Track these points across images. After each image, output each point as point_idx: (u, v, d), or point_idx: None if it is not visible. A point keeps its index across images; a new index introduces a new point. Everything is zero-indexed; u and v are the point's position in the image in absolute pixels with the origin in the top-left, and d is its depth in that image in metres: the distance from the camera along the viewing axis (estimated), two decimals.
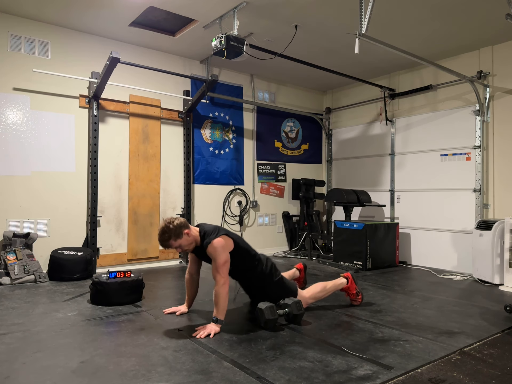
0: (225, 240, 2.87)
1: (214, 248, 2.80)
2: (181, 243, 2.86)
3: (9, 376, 2.06)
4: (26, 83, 4.52)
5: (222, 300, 2.79)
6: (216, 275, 2.81)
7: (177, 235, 2.82)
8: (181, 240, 2.84)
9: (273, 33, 4.77)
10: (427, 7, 4.13)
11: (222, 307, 2.79)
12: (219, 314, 2.78)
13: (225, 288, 2.80)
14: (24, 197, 4.48)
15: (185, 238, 2.85)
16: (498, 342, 2.63)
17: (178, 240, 2.84)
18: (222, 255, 2.81)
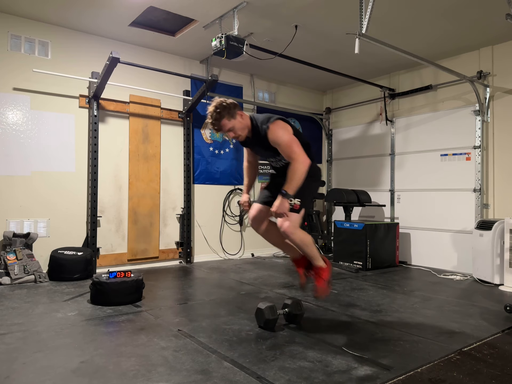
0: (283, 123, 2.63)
1: (275, 132, 2.56)
2: (235, 125, 2.61)
3: (9, 376, 2.06)
4: (26, 83, 4.52)
5: (298, 176, 2.50)
6: (291, 155, 2.53)
7: (231, 115, 2.57)
8: (235, 121, 2.60)
9: (273, 33, 4.77)
10: (427, 7, 4.13)
11: (295, 184, 2.50)
12: (290, 188, 2.50)
13: (306, 166, 2.52)
14: (24, 197, 4.48)
15: (238, 120, 2.61)
16: (498, 342, 2.63)
17: (232, 121, 2.59)
18: (286, 135, 2.56)
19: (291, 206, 2.59)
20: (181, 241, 5.60)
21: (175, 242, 5.59)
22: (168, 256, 5.50)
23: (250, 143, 2.85)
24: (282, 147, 2.58)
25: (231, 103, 2.62)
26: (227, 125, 2.61)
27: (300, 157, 2.53)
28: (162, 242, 5.45)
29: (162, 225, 5.47)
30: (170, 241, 5.55)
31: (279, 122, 2.62)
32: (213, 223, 5.98)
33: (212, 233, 5.95)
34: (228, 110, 2.58)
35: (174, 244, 5.58)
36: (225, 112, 2.57)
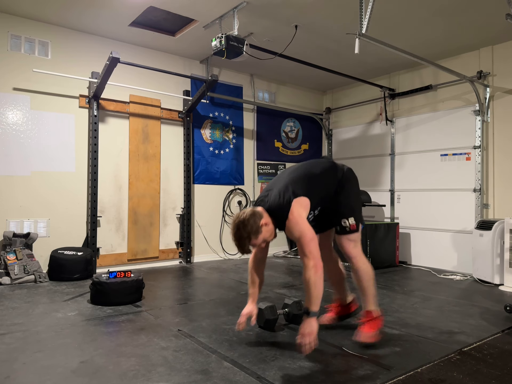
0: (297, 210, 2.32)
1: (290, 228, 2.31)
2: (264, 237, 2.32)
3: (9, 376, 2.06)
4: (26, 83, 4.51)
5: (313, 286, 2.22)
6: (303, 258, 2.29)
7: (256, 232, 2.27)
8: (262, 234, 2.30)
9: (273, 33, 4.77)
10: (427, 7, 4.13)
11: (315, 295, 2.23)
12: (311, 304, 2.22)
13: (317, 272, 2.24)
14: (24, 197, 4.48)
15: (265, 230, 2.31)
16: (498, 342, 2.63)
17: (260, 236, 2.29)
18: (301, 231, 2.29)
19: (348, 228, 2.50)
20: (181, 241, 5.60)
21: (175, 242, 5.59)
22: (168, 256, 5.49)
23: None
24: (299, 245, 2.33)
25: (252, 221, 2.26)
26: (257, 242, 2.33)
27: (309, 262, 2.26)
28: (162, 242, 5.46)
29: (162, 225, 5.47)
30: (170, 241, 5.55)
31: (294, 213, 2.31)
32: (213, 223, 5.98)
33: (212, 233, 5.95)
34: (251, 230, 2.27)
35: (174, 244, 5.58)
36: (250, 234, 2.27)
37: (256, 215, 2.30)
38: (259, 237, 2.30)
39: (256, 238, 2.29)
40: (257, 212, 2.32)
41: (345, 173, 2.63)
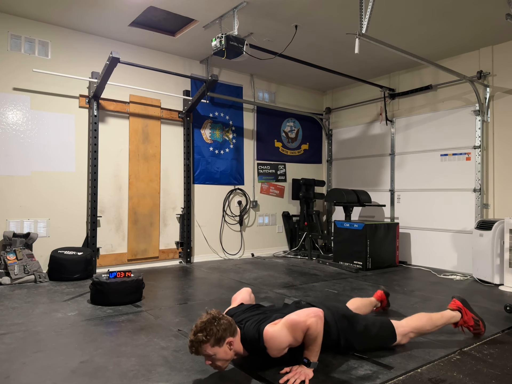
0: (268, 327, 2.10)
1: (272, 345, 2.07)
2: (217, 353, 1.98)
3: (9, 376, 2.06)
4: (26, 83, 4.52)
5: (318, 341, 2.11)
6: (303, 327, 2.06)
7: (217, 341, 1.98)
8: (219, 349, 1.98)
9: (273, 33, 4.77)
10: (427, 7, 4.13)
11: (317, 349, 2.12)
12: (313, 356, 2.11)
13: (320, 326, 2.09)
14: (24, 197, 4.48)
15: (224, 349, 2.00)
16: (498, 342, 2.63)
17: (216, 348, 1.97)
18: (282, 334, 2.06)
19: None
20: (181, 241, 5.60)
21: (175, 242, 5.59)
22: (168, 256, 5.50)
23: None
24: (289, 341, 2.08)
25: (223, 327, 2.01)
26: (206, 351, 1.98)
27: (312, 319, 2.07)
28: (162, 242, 5.46)
29: (162, 225, 5.47)
30: (170, 241, 5.55)
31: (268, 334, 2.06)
32: (213, 223, 5.98)
33: (212, 233, 5.95)
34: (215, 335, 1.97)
35: (174, 244, 5.58)
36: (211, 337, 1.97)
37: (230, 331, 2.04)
38: (215, 349, 1.97)
39: (212, 347, 1.96)
40: (234, 329, 2.08)
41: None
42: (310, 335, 2.07)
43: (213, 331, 1.96)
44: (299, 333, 2.07)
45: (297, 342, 2.09)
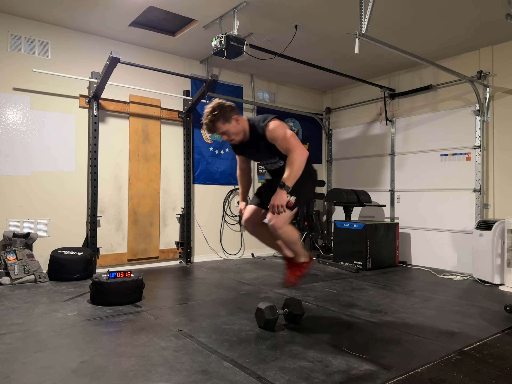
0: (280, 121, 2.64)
1: (272, 128, 2.57)
2: (229, 129, 2.61)
3: (9, 376, 2.06)
4: (26, 83, 4.52)
5: (297, 166, 2.51)
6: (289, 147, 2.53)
7: (226, 118, 2.58)
8: (230, 125, 2.60)
9: (273, 33, 4.77)
10: (427, 7, 4.13)
11: (294, 175, 2.51)
12: (289, 181, 2.50)
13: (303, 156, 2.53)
14: (24, 197, 4.48)
15: (233, 124, 2.62)
16: (498, 342, 2.63)
17: (227, 124, 2.59)
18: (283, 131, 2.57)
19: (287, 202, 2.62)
20: (181, 241, 5.60)
21: (175, 242, 5.59)
22: (168, 256, 5.49)
23: (245, 148, 2.84)
24: (280, 141, 2.58)
25: (228, 106, 2.61)
26: (221, 128, 2.61)
27: (298, 148, 2.53)
28: (162, 242, 5.46)
29: (162, 225, 5.47)
30: (170, 241, 5.55)
31: (277, 120, 2.63)
32: (213, 223, 5.98)
33: (212, 233, 5.95)
34: (224, 113, 2.58)
35: (174, 244, 5.58)
36: (220, 115, 2.57)
37: (235, 110, 2.64)
38: (226, 125, 2.59)
39: (223, 124, 2.58)
40: (237, 109, 2.67)
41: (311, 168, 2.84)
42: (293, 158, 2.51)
43: (220, 111, 2.56)
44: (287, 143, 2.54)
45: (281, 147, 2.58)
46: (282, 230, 2.66)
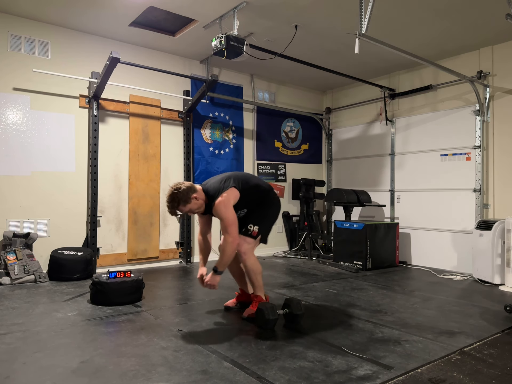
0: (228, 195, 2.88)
1: (218, 210, 2.87)
2: (191, 208, 2.89)
3: (9, 376, 2.06)
4: (26, 83, 4.52)
5: (227, 255, 2.87)
6: (224, 234, 2.88)
7: (185, 201, 2.83)
8: (190, 205, 2.87)
9: (273, 33, 4.77)
10: (427, 7, 4.13)
11: (225, 261, 2.88)
12: (220, 266, 2.88)
13: (232, 246, 2.86)
14: (24, 197, 4.48)
15: (193, 202, 2.88)
16: (498, 342, 2.63)
17: (188, 205, 2.86)
18: (227, 214, 2.85)
19: (250, 232, 3.02)
20: (181, 241, 5.60)
21: (175, 242, 5.59)
22: (168, 256, 5.49)
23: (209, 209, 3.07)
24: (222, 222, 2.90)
25: (184, 190, 2.83)
26: (184, 210, 2.88)
27: (230, 238, 2.83)
28: (162, 242, 5.46)
29: (162, 225, 5.47)
30: (170, 241, 5.55)
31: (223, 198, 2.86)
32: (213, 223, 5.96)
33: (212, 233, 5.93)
34: (182, 197, 2.82)
35: (174, 244, 5.58)
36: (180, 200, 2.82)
37: (191, 189, 2.86)
38: (187, 206, 2.85)
39: (184, 206, 2.84)
40: (193, 187, 2.89)
41: (273, 199, 3.24)
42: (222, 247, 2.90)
43: (178, 198, 2.80)
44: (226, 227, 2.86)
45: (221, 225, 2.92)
46: (247, 257, 3.00)
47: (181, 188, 2.83)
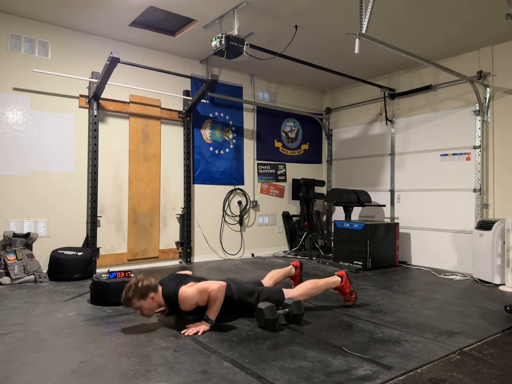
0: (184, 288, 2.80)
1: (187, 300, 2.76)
2: (142, 305, 2.72)
3: (9, 376, 2.06)
4: (26, 83, 4.52)
5: (217, 303, 2.80)
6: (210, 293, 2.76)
7: (141, 296, 2.70)
8: (144, 302, 2.72)
9: (273, 33, 4.77)
10: (427, 8, 4.13)
11: (216, 309, 2.81)
12: (211, 315, 2.80)
13: (221, 291, 2.79)
14: (24, 197, 4.48)
15: (148, 301, 2.74)
16: (498, 342, 2.63)
17: (141, 301, 2.71)
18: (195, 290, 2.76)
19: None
20: (181, 241, 5.60)
21: (175, 242, 5.59)
22: (168, 256, 5.49)
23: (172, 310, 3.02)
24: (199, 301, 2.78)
25: (145, 285, 2.72)
26: (135, 304, 2.71)
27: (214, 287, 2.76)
28: (162, 242, 5.46)
29: (162, 225, 5.47)
30: (170, 241, 5.55)
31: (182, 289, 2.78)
32: (213, 223, 5.98)
33: (212, 233, 5.95)
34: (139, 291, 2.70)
35: (174, 244, 5.58)
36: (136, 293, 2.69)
37: (152, 287, 2.77)
38: (141, 302, 2.71)
39: (138, 301, 2.70)
40: (155, 286, 2.80)
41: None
42: (212, 297, 2.75)
43: (137, 289, 2.69)
44: (205, 296, 2.76)
45: (203, 302, 2.78)
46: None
47: (144, 282, 2.73)
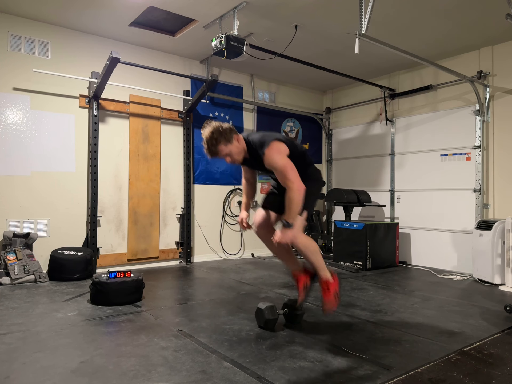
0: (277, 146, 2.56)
1: (270, 157, 2.53)
2: (231, 150, 2.57)
3: (9, 376, 2.06)
4: (26, 83, 4.51)
5: (295, 205, 2.49)
6: (286, 182, 2.52)
7: (227, 140, 2.53)
8: (232, 146, 2.56)
9: (273, 33, 4.77)
10: (427, 7, 4.13)
11: (294, 212, 2.50)
12: (290, 218, 2.51)
13: (300, 192, 2.50)
14: (24, 197, 4.48)
15: (235, 144, 2.58)
16: (498, 342, 2.63)
17: (229, 146, 2.55)
18: (281, 161, 2.52)
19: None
20: (181, 241, 5.60)
21: (175, 242, 5.59)
22: (168, 256, 5.49)
23: (248, 162, 2.83)
24: (277, 173, 2.58)
25: (227, 128, 2.56)
26: (224, 150, 2.56)
27: (294, 185, 2.50)
28: (162, 242, 5.45)
29: (162, 225, 5.47)
30: (170, 241, 5.55)
31: (274, 146, 2.56)
32: (213, 223, 5.98)
33: (212, 233, 5.95)
34: (224, 135, 2.53)
35: (174, 244, 5.58)
36: (221, 137, 2.52)
37: (233, 130, 2.59)
38: (228, 146, 2.55)
39: (225, 145, 2.54)
40: (235, 129, 2.62)
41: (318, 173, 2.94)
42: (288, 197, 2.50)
43: (221, 134, 2.51)
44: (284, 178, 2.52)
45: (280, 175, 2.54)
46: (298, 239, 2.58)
47: (224, 125, 2.55)
